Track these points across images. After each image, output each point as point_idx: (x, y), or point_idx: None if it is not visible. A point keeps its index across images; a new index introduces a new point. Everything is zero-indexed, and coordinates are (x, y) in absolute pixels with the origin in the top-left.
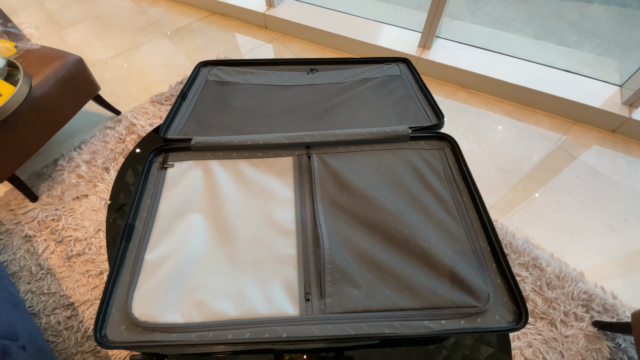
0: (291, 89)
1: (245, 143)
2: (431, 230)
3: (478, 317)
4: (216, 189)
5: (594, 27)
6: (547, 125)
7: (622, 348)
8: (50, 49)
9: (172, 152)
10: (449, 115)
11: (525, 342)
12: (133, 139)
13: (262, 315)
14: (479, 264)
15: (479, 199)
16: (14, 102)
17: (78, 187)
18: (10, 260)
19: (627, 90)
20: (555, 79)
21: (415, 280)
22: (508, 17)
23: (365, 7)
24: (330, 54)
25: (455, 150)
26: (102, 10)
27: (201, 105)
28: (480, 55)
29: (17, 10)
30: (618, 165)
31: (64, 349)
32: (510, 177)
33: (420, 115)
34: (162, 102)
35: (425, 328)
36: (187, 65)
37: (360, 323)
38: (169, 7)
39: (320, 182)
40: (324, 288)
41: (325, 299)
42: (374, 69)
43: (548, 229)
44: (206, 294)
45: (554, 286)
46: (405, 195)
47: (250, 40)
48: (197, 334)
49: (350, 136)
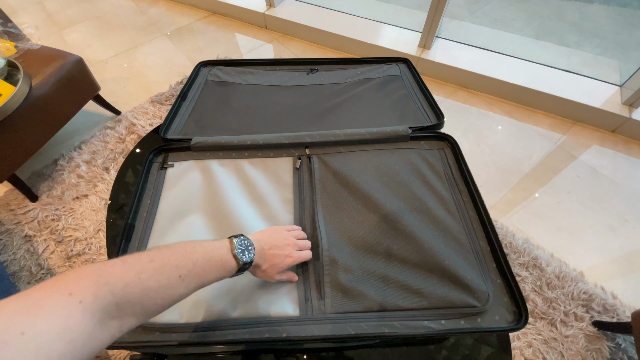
0: (291, 89)
1: (245, 143)
2: (431, 230)
3: (478, 317)
4: (216, 189)
5: (594, 27)
6: (547, 125)
7: (622, 348)
8: (50, 49)
9: (172, 152)
10: (449, 115)
11: (525, 342)
12: (133, 139)
13: (262, 315)
14: (479, 264)
15: (479, 198)
16: (14, 102)
17: (78, 187)
18: (10, 260)
19: (627, 90)
20: (555, 79)
21: (415, 280)
22: (508, 17)
23: (365, 7)
24: (330, 54)
25: (455, 150)
26: (102, 10)
27: (201, 106)
28: (480, 55)
29: (17, 10)
30: (618, 165)
31: None
32: (510, 177)
33: (420, 115)
34: (162, 102)
35: (425, 328)
36: (187, 65)
37: (360, 323)
38: (169, 7)
39: (320, 183)
40: (323, 288)
41: (325, 299)
42: (374, 69)
43: (548, 229)
44: (206, 294)
45: (554, 286)
46: (405, 195)
47: (250, 40)
48: (196, 334)
49: (350, 136)
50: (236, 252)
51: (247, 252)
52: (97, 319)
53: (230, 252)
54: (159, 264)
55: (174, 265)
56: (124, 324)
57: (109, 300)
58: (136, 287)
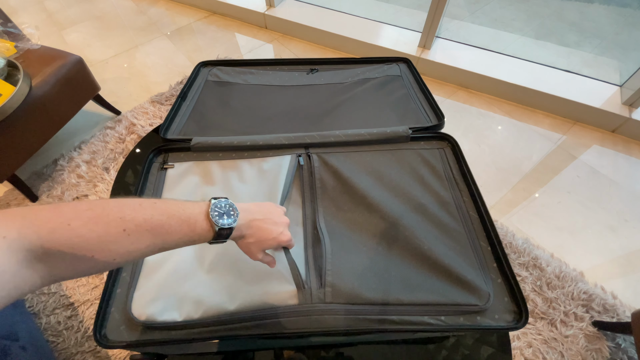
0: (291, 90)
1: (245, 143)
2: (432, 230)
3: (478, 316)
4: (216, 191)
5: (594, 27)
6: (547, 125)
7: (622, 348)
8: (50, 49)
9: (172, 152)
10: (449, 115)
11: (525, 342)
12: (133, 139)
13: (259, 307)
14: (480, 264)
15: (479, 198)
16: (14, 102)
17: (78, 187)
18: None
19: (627, 90)
20: (555, 79)
21: (415, 277)
22: (508, 17)
23: (365, 7)
24: (330, 54)
25: (455, 150)
26: (102, 10)
27: (201, 106)
28: (480, 55)
29: (17, 10)
30: (618, 165)
31: (64, 349)
32: (510, 177)
33: (421, 115)
34: (162, 102)
35: (424, 324)
36: (187, 65)
37: (359, 316)
38: (169, 7)
39: (321, 182)
40: (324, 277)
41: (325, 287)
42: (374, 69)
43: (548, 229)
44: (205, 290)
45: (554, 286)
46: (405, 195)
47: (250, 40)
48: (196, 330)
49: (350, 137)
50: (211, 215)
51: (227, 216)
52: (22, 256)
53: (204, 213)
54: (96, 212)
55: (116, 217)
56: (55, 270)
57: (34, 241)
58: (64, 234)
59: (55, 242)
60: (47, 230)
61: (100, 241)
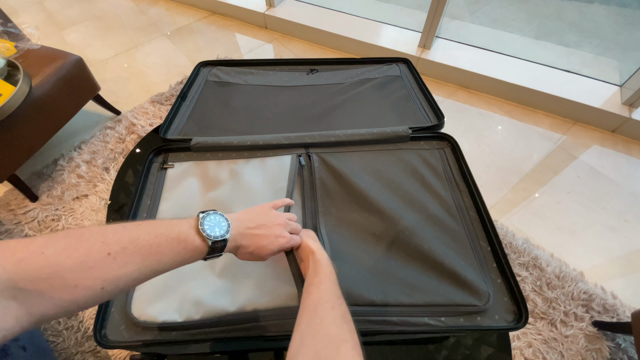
0: (291, 90)
1: (245, 144)
2: (431, 230)
3: (478, 316)
4: (216, 191)
5: (594, 27)
6: (547, 125)
7: (622, 348)
8: (50, 49)
9: (172, 153)
10: (449, 115)
11: (525, 342)
12: (133, 139)
13: (260, 308)
14: (479, 264)
15: (479, 198)
16: (14, 102)
17: (78, 187)
18: None
19: (627, 90)
20: (555, 79)
21: (415, 278)
22: (508, 17)
23: (365, 7)
24: (330, 54)
25: (455, 150)
26: (102, 10)
27: (201, 106)
28: (480, 55)
29: (17, 10)
30: (618, 165)
31: (64, 349)
32: (510, 177)
33: (421, 115)
34: (162, 102)
35: (424, 324)
36: (187, 65)
37: (359, 317)
38: (169, 7)
39: (321, 182)
40: None
41: None
42: (374, 69)
43: (548, 229)
44: (205, 291)
45: (554, 286)
46: (405, 195)
47: (250, 40)
48: (196, 331)
49: (350, 137)
50: (201, 229)
51: (219, 228)
52: None
53: (194, 228)
54: (74, 238)
55: (98, 241)
56: (33, 308)
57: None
58: (37, 262)
59: (26, 273)
60: (14, 262)
61: (82, 268)
